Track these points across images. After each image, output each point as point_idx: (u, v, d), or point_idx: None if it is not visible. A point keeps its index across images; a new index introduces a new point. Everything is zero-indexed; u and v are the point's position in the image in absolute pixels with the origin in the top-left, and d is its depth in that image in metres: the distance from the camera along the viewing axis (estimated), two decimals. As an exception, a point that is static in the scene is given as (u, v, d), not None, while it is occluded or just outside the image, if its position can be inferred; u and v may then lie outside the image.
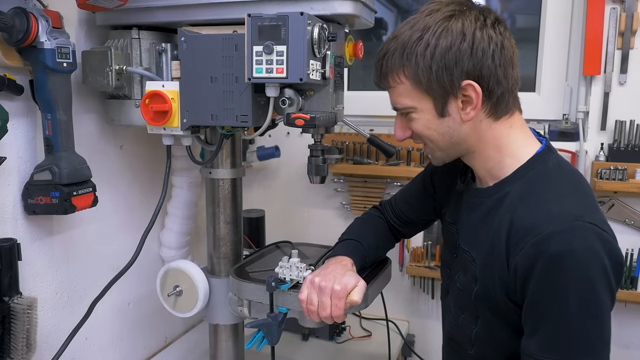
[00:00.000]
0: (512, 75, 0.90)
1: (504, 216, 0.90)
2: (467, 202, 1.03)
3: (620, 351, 1.71)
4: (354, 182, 1.91)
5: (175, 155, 1.39)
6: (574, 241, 0.81)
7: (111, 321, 1.40)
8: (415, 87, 0.90)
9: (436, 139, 0.95)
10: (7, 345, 1.01)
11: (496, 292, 0.90)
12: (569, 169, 0.96)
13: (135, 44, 1.17)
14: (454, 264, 1.05)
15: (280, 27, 0.96)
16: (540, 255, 0.82)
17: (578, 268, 0.80)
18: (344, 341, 1.72)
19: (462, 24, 0.87)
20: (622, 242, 1.65)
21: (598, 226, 0.83)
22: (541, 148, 0.94)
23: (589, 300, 0.81)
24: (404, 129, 0.98)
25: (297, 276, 1.10)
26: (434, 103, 0.91)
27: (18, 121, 1.07)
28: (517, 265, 0.85)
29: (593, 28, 1.59)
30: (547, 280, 0.82)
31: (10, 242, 1.01)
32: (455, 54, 0.86)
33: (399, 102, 0.94)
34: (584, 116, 1.68)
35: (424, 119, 0.93)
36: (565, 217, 0.83)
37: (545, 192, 0.89)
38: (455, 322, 1.04)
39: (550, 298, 0.83)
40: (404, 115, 0.96)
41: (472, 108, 0.89)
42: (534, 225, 0.84)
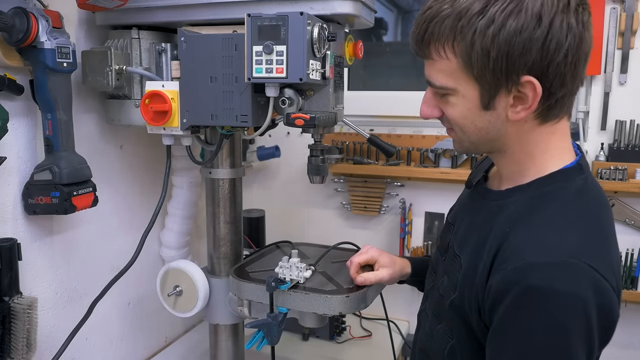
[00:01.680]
0: (580, 75, 0.77)
1: (502, 227, 0.79)
2: (472, 201, 0.95)
3: (620, 351, 1.71)
4: (354, 182, 1.91)
5: (175, 155, 1.39)
6: (559, 279, 0.68)
7: (111, 321, 1.40)
8: (462, 68, 0.75)
9: (470, 131, 0.81)
10: (8, 345, 1.01)
11: (471, 307, 0.79)
12: (594, 197, 0.80)
13: (135, 43, 1.17)
14: (441, 267, 0.95)
15: (280, 27, 0.96)
16: (517, 284, 0.70)
17: (554, 310, 0.68)
18: (344, 341, 1.72)
19: (542, 3, 0.70)
20: (622, 242, 1.66)
21: (598, 271, 0.69)
22: (570, 164, 0.80)
23: (557, 351, 0.69)
24: (433, 107, 0.83)
25: (297, 276, 1.11)
26: (480, 92, 0.76)
27: (18, 121, 1.07)
28: (492, 287, 0.74)
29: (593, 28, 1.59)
30: (516, 314, 0.71)
31: (11, 242, 1.01)
32: (524, 41, 0.70)
33: (437, 80, 0.79)
34: (584, 116, 1.68)
35: (464, 106, 0.78)
36: (560, 250, 0.71)
37: (553, 214, 0.76)
38: (430, 332, 0.93)
39: (514, 335, 0.72)
40: (438, 94, 0.81)
41: (525, 108, 0.75)
42: (522, 249, 0.73)
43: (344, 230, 1.96)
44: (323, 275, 1.18)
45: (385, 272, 1.10)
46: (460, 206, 1.01)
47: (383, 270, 1.11)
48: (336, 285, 1.12)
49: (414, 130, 1.82)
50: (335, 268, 1.23)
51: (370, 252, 1.13)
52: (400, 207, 1.86)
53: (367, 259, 1.12)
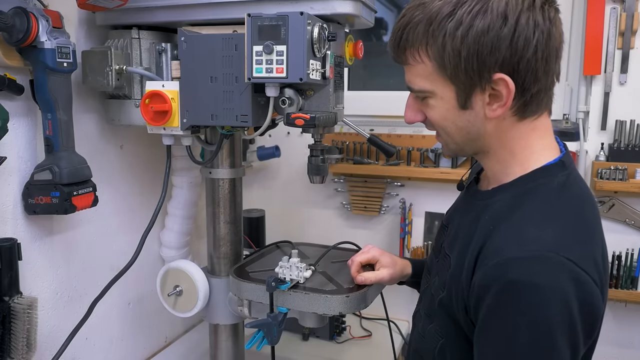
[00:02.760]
0: (553, 71, 0.78)
1: (486, 226, 0.80)
2: (464, 203, 0.97)
3: (620, 351, 1.71)
4: (354, 182, 1.91)
5: (175, 155, 1.39)
6: (540, 274, 0.69)
7: (111, 321, 1.40)
8: (437, 71, 0.78)
9: (452, 131, 0.83)
10: (8, 345, 1.01)
11: (458, 306, 0.81)
12: (576, 192, 0.81)
13: (135, 43, 1.17)
14: (434, 268, 0.96)
15: (280, 27, 0.96)
16: (497, 280, 0.71)
17: (535, 303, 0.69)
18: (344, 341, 1.72)
19: (506, 3, 0.73)
20: (622, 242, 1.67)
21: (577, 265, 0.70)
22: (554, 161, 0.81)
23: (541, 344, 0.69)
24: (416, 111, 0.86)
25: (297, 276, 1.10)
26: (456, 92, 0.78)
27: (18, 121, 1.07)
28: (476, 283, 0.75)
29: (593, 28, 1.59)
30: (498, 309, 0.72)
31: (11, 242, 1.01)
32: (491, 39, 0.72)
33: (415, 84, 0.82)
34: (584, 116, 1.68)
35: (442, 107, 0.81)
36: (538, 244, 0.72)
37: (533, 211, 0.77)
38: (422, 333, 0.94)
39: (498, 330, 0.72)
40: (419, 98, 0.84)
41: (500, 105, 0.77)
42: (502, 245, 0.74)
43: (344, 230, 1.96)
44: (323, 275, 1.18)
45: (385, 272, 1.11)
46: (454, 208, 1.02)
47: (384, 270, 1.11)
48: (336, 285, 1.12)
49: (414, 130, 1.82)
50: (335, 268, 1.23)
51: (372, 251, 1.14)
52: (400, 207, 1.86)
53: (368, 259, 1.13)
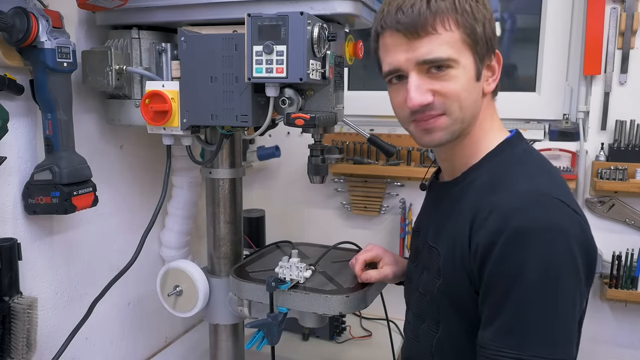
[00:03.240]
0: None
1: (469, 201, 0.83)
2: (431, 201, 0.99)
3: (620, 351, 1.71)
4: (354, 182, 1.91)
5: (175, 155, 1.39)
6: (539, 216, 0.75)
7: (111, 321, 1.40)
8: (463, 40, 0.80)
9: (468, 105, 0.83)
10: (8, 344, 1.01)
11: (459, 284, 0.83)
12: (538, 155, 0.90)
13: (135, 43, 1.17)
14: (415, 271, 0.98)
15: (280, 27, 0.96)
16: (502, 231, 0.75)
17: (541, 245, 0.73)
18: (344, 341, 1.72)
19: None
20: (622, 242, 1.67)
21: (568, 205, 0.77)
22: (511, 134, 0.90)
23: (549, 281, 0.73)
24: (425, 92, 0.82)
25: (297, 276, 1.10)
26: (475, 62, 0.82)
27: (18, 121, 1.07)
28: (479, 245, 0.78)
29: (593, 28, 1.59)
30: (506, 257, 0.75)
31: (11, 242, 1.01)
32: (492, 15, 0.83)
33: (441, 52, 0.80)
34: (585, 116, 1.68)
35: (464, 77, 0.82)
36: (532, 193, 0.78)
37: (514, 172, 0.83)
38: (415, 336, 0.96)
39: (508, 277, 0.75)
40: (436, 69, 0.81)
41: (494, 79, 0.85)
42: (498, 203, 0.78)
43: (344, 230, 1.96)
44: (323, 275, 1.18)
45: (389, 269, 1.13)
46: (422, 213, 1.05)
47: (387, 268, 1.13)
48: (336, 285, 1.12)
49: (414, 130, 1.82)
50: (335, 268, 1.23)
51: (375, 250, 1.16)
52: (400, 207, 1.86)
53: (372, 257, 1.15)
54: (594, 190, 1.64)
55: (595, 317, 1.70)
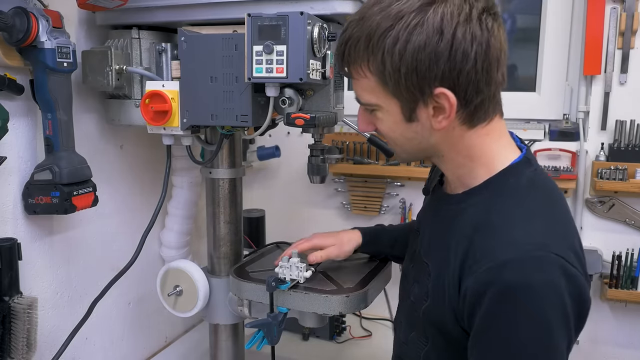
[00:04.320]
0: (495, 80, 0.77)
1: (465, 231, 0.79)
2: (432, 206, 0.96)
3: (620, 351, 1.71)
4: (354, 182, 1.91)
5: (175, 155, 1.39)
6: (533, 273, 0.70)
7: (111, 321, 1.40)
8: (380, 86, 0.78)
9: (401, 142, 0.84)
10: (8, 344, 1.01)
11: (445, 314, 0.80)
12: (545, 186, 0.83)
13: (135, 43, 1.17)
14: (411, 274, 0.97)
15: (280, 27, 0.96)
16: (493, 284, 0.71)
17: (533, 304, 0.70)
18: (344, 341, 1.72)
19: (442, 17, 0.71)
20: (622, 242, 1.67)
21: (565, 259, 0.72)
22: (517, 159, 0.83)
23: (542, 342, 0.70)
24: (367, 122, 0.87)
25: (297, 276, 1.10)
26: (401, 106, 0.79)
27: (18, 121, 1.07)
28: (468, 290, 0.75)
29: (593, 28, 1.59)
30: (496, 313, 0.72)
31: (11, 242, 1.01)
32: (429, 55, 0.72)
33: (362, 97, 0.83)
34: (585, 116, 1.68)
35: (389, 120, 0.82)
36: (528, 245, 0.73)
37: (513, 212, 0.78)
38: (405, 340, 0.94)
39: (498, 334, 0.73)
40: (368, 110, 0.85)
41: (445, 117, 0.77)
42: (492, 249, 0.74)
43: (344, 230, 1.95)
44: (323, 275, 1.18)
45: (332, 249, 1.15)
46: (423, 212, 1.02)
47: (330, 248, 1.15)
48: (336, 285, 1.12)
49: (414, 130, 1.82)
50: (335, 268, 1.23)
51: (314, 240, 1.17)
52: (400, 207, 1.86)
53: (310, 246, 1.16)
54: (594, 190, 1.64)
55: (595, 317, 1.70)
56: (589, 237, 1.69)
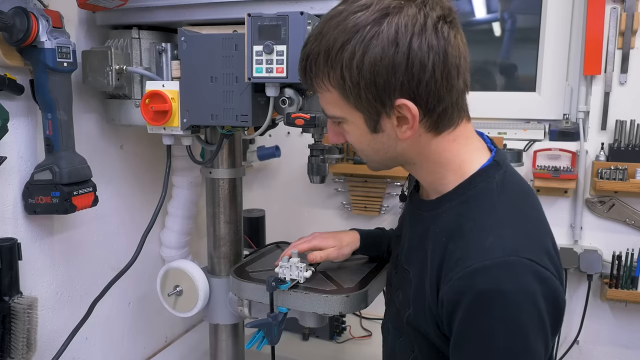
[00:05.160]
0: (457, 87, 0.77)
1: (439, 238, 0.80)
2: (411, 213, 0.96)
3: (620, 351, 1.71)
4: (355, 182, 1.91)
5: (175, 155, 1.39)
6: (505, 279, 0.71)
7: (111, 321, 1.40)
8: (343, 99, 0.78)
9: (369, 153, 0.85)
10: (8, 344, 1.01)
11: (427, 321, 0.81)
12: (515, 188, 0.83)
13: (135, 43, 1.17)
14: (394, 280, 0.97)
15: (280, 27, 0.96)
16: (466, 292, 0.72)
17: (506, 310, 0.70)
18: (344, 341, 1.72)
19: (396, 30, 0.71)
20: (622, 242, 1.67)
21: (537, 262, 0.72)
22: (486, 163, 0.82)
23: (518, 347, 0.71)
24: (336, 134, 0.87)
25: (297, 276, 1.10)
26: (364, 118, 0.79)
27: (18, 121, 1.07)
28: (444, 298, 0.75)
29: (593, 28, 1.59)
30: (471, 321, 0.72)
31: (11, 242, 1.01)
32: (386, 67, 0.72)
33: (327, 110, 0.83)
34: (585, 116, 1.68)
35: (356, 132, 0.82)
36: (499, 251, 0.72)
37: (483, 217, 0.78)
38: (393, 346, 0.95)
39: (474, 340, 0.73)
40: (335, 122, 0.85)
41: (409, 128, 0.77)
42: (464, 257, 0.74)
43: (344, 230, 1.96)
44: (323, 275, 1.18)
45: (332, 250, 1.15)
46: (403, 218, 1.03)
47: (330, 249, 1.15)
48: (336, 285, 1.12)
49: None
50: (335, 268, 1.23)
51: (314, 241, 1.16)
52: (400, 207, 1.86)
53: (310, 247, 1.15)
54: (594, 190, 1.64)
55: (595, 317, 1.70)
56: (589, 237, 1.69)
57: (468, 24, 1.90)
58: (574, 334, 1.71)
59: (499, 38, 1.89)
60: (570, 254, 1.64)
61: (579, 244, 1.68)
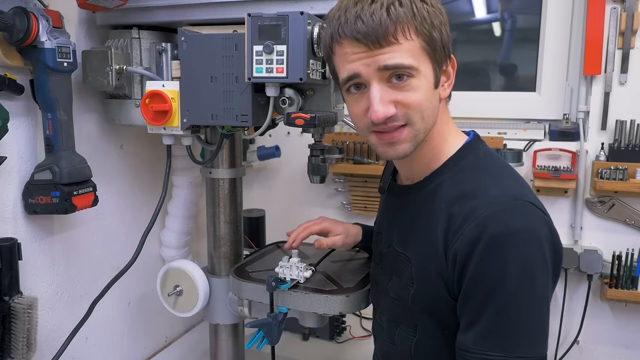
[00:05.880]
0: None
1: (440, 208, 0.83)
2: (392, 204, 0.98)
3: (620, 351, 1.71)
4: (355, 182, 1.90)
5: (175, 155, 1.39)
6: (515, 221, 0.76)
7: (111, 321, 1.40)
8: (422, 48, 0.79)
9: (429, 114, 0.82)
10: (8, 344, 1.01)
11: (435, 291, 0.84)
12: (497, 156, 0.91)
13: (135, 43, 1.17)
14: (382, 274, 0.99)
15: (280, 27, 0.96)
16: (479, 239, 0.76)
17: (518, 250, 0.75)
18: (344, 341, 1.72)
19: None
20: (622, 242, 1.67)
21: (538, 207, 0.79)
22: (471, 137, 0.90)
23: (527, 283, 0.76)
24: (388, 103, 0.79)
25: (297, 276, 1.10)
26: (434, 70, 0.81)
27: (18, 121, 1.07)
28: (457, 252, 0.79)
29: (593, 28, 1.59)
30: (485, 264, 0.76)
31: (11, 242, 1.01)
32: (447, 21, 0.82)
33: (405, 61, 0.77)
34: (585, 116, 1.68)
35: (425, 87, 0.80)
36: (505, 197, 0.79)
37: (481, 177, 0.84)
38: (391, 340, 0.96)
39: (488, 283, 0.76)
40: (397, 78, 0.79)
41: (449, 84, 0.84)
42: (472, 210, 0.78)
43: (344, 230, 1.95)
44: (323, 275, 1.18)
45: (338, 237, 1.16)
46: (382, 215, 1.05)
47: (336, 237, 1.17)
48: (336, 285, 1.12)
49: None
50: (335, 268, 1.23)
51: (324, 223, 1.19)
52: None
53: (320, 229, 1.18)
54: (594, 190, 1.64)
55: (595, 317, 1.70)
56: (589, 237, 1.69)
57: (468, 24, 1.90)
58: (574, 334, 1.71)
59: (499, 38, 1.89)
60: (570, 254, 1.64)
61: (579, 244, 1.68)
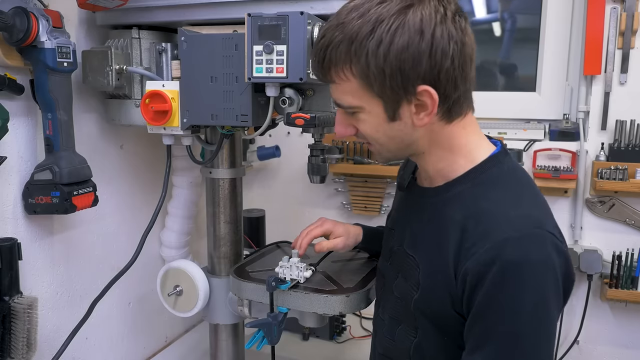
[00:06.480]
0: (469, 77, 0.82)
1: (455, 219, 0.83)
2: (409, 202, 0.98)
3: (620, 351, 1.71)
4: (355, 182, 1.91)
5: (175, 155, 1.39)
6: (532, 249, 0.75)
7: (111, 321, 1.40)
8: (363, 88, 0.80)
9: (385, 142, 0.86)
10: (8, 344, 1.01)
11: (439, 302, 0.83)
12: (524, 175, 0.89)
13: (135, 43, 1.17)
14: (389, 271, 0.98)
15: (280, 27, 0.96)
16: (494, 262, 0.75)
17: (533, 279, 0.75)
18: (344, 341, 1.72)
19: (421, 19, 0.75)
20: (622, 242, 1.67)
21: (556, 236, 0.79)
22: (497, 150, 0.87)
23: (541, 314, 0.76)
24: (346, 126, 0.87)
25: (298, 276, 1.10)
26: (384, 106, 0.81)
27: (18, 121, 1.07)
28: (468, 272, 0.78)
29: (593, 28, 1.59)
30: (500, 289, 0.75)
31: (11, 242, 1.01)
32: (412, 54, 0.75)
33: (343, 100, 0.83)
34: (585, 116, 1.68)
35: (373, 121, 0.83)
36: (525, 222, 0.78)
37: (502, 195, 0.82)
38: (391, 336, 0.96)
39: (501, 308, 0.76)
40: (349, 112, 0.85)
41: (427, 114, 0.80)
42: (490, 230, 0.77)
43: (344, 230, 1.95)
44: (323, 275, 1.18)
45: (339, 240, 1.16)
46: (397, 211, 1.04)
47: (337, 239, 1.16)
48: (336, 285, 1.12)
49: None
50: (335, 268, 1.23)
51: (325, 225, 1.18)
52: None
53: (323, 232, 1.17)
54: (594, 190, 1.64)
55: (595, 317, 1.70)
56: (589, 237, 1.69)
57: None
58: (574, 334, 1.71)
59: (499, 38, 1.89)
60: (570, 253, 1.64)
61: (579, 244, 1.69)
